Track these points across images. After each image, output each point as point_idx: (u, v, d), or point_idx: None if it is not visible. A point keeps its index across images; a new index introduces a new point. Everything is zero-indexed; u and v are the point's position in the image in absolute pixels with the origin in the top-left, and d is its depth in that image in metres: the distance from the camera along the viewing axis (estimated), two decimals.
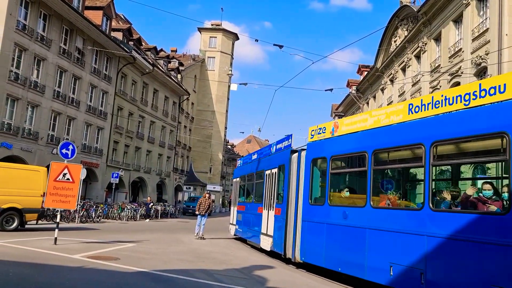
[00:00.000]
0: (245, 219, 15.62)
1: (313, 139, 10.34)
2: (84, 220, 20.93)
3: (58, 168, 11.58)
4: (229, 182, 79.75)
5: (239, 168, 18.69)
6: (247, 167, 16.47)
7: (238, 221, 16.72)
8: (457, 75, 19.38)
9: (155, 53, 42.15)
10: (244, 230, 15.61)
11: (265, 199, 12.92)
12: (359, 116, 8.98)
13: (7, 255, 9.11)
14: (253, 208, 14.38)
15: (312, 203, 9.86)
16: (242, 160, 18.81)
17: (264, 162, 13.89)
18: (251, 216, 14.52)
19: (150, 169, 39.34)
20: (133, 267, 8.56)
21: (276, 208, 11.83)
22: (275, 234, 11.67)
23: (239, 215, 16.74)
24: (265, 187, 13.05)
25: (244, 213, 15.75)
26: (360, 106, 37.47)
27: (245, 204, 15.74)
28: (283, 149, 12.29)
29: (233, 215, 18.19)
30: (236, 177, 18.69)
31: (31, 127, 23.54)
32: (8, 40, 21.02)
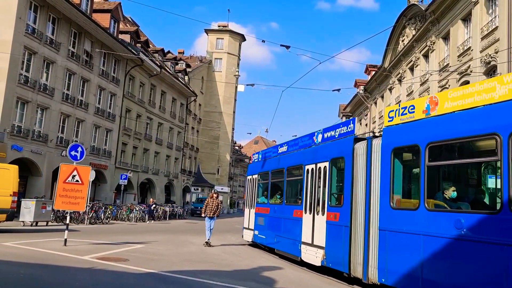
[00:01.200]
0: (270, 224, 13.22)
1: (392, 122, 7.84)
2: (93, 222, 21.06)
3: (67, 170, 11.67)
4: (237, 183, 79.88)
5: (256, 164, 15.89)
6: (271, 162, 14.02)
7: (258, 225, 14.31)
8: (466, 74, 19.20)
9: (163, 55, 42.35)
10: (270, 237, 13.15)
11: (306, 201, 10.60)
12: (476, 86, 6.44)
13: (18, 256, 9.19)
14: (284, 211, 12.15)
15: (396, 206, 7.37)
16: (261, 154, 15.78)
17: (302, 154, 11.44)
18: (282, 221, 12.24)
19: (158, 170, 39.50)
20: (142, 268, 8.60)
21: (330, 213, 9.39)
22: (330, 246, 9.22)
23: (259, 219, 14.33)
24: (306, 185, 10.70)
25: (269, 217, 13.38)
26: (368, 106, 37.30)
27: (270, 206, 13.41)
28: (339, 137, 9.73)
29: (248, 218, 15.69)
30: (252, 174, 15.97)
31: (41, 130, 23.75)
32: (18, 44, 21.25)
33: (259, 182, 14.98)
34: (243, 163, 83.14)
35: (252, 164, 16.82)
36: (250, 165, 16.93)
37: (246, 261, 11.16)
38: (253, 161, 16.85)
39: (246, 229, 15.95)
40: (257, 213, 14.62)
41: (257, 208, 14.80)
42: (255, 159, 16.38)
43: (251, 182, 15.97)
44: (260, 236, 14.07)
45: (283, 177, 12.51)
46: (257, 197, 14.96)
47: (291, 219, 11.44)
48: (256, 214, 14.72)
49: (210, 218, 14.27)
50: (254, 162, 16.54)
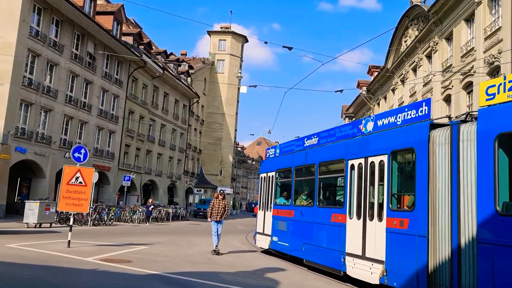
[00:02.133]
0: (296, 230, 11.35)
1: (494, 101, 6.12)
2: (97, 223, 21.10)
3: (70, 172, 11.71)
4: (240, 184, 79.87)
5: (273, 160, 13.93)
6: (295, 156, 12.12)
7: (278, 231, 12.47)
8: (469, 74, 19.15)
9: (165, 56, 42.44)
10: (295, 245, 11.24)
11: (351, 203, 8.88)
12: None
13: (22, 257, 9.22)
14: (316, 214, 10.34)
15: (504, 212, 5.70)
16: (278, 149, 13.81)
17: (343, 147, 9.55)
18: (313, 227, 10.35)
19: (161, 172, 39.56)
20: (146, 270, 8.61)
21: (391, 218, 7.57)
22: (393, 260, 7.42)
23: (279, 223, 12.44)
24: (350, 184, 8.98)
25: (293, 221, 11.53)
26: (370, 107, 37.25)
27: (295, 209, 11.57)
28: (402, 124, 7.88)
29: (263, 222, 13.79)
30: (267, 171, 13.92)
31: (44, 132, 23.84)
32: (22, 46, 21.34)
33: (277, 180, 13.10)
34: (246, 164, 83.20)
35: (267, 160, 14.55)
36: (265, 162, 14.67)
37: (250, 263, 11.14)
38: (267, 156, 14.58)
39: (260, 235, 13.96)
40: (276, 216, 12.72)
41: (275, 210, 12.87)
42: (271, 155, 14.30)
43: (266, 181, 13.87)
44: (281, 244, 12.11)
45: (314, 175, 10.57)
46: (274, 197, 13.09)
47: (328, 224, 9.60)
48: (275, 218, 12.79)
49: (217, 222, 12.57)
50: (269, 158, 14.34)
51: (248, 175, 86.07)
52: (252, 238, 19.91)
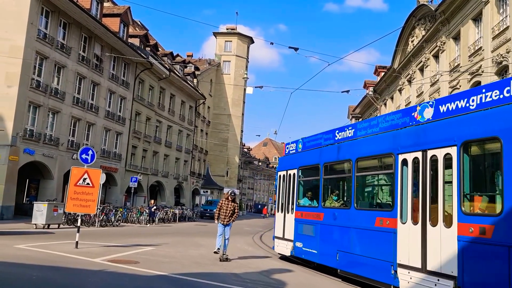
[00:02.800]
0: (326, 235, 9.95)
1: None
2: (104, 224, 21.20)
3: (78, 173, 11.77)
4: (246, 185, 79.89)
5: (294, 156, 12.44)
6: (324, 151, 10.56)
7: (303, 236, 11.01)
8: (477, 74, 19.01)
9: (172, 58, 42.59)
10: (326, 253, 9.88)
11: (403, 205, 7.53)
12: None
13: (30, 258, 9.28)
14: (354, 218, 8.90)
15: None
16: (301, 143, 12.18)
17: (390, 139, 8.15)
18: (350, 232, 8.95)
19: (167, 173, 39.68)
20: (153, 271, 8.63)
21: (465, 224, 6.24)
22: (471, 276, 6.13)
23: (304, 227, 10.99)
24: (401, 182, 7.64)
25: (323, 225, 10.11)
26: (377, 107, 37.09)
27: (325, 211, 10.10)
28: (477, 109, 6.54)
29: (282, 225, 12.31)
30: (287, 168, 12.53)
31: (52, 133, 24.02)
32: (30, 49, 21.52)
33: (300, 179, 11.67)
34: (252, 165, 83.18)
35: (286, 157, 13.01)
36: (284, 159, 13.19)
37: (259, 264, 11.12)
38: (287, 152, 13.04)
39: (279, 239, 12.49)
40: (300, 219, 11.24)
41: (298, 213, 11.40)
42: (291, 150, 12.72)
43: (286, 180, 12.45)
44: (307, 250, 10.61)
45: (349, 172, 9.24)
46: (297, 198, 11.61)
47: (371, 230, 8.26)
48: (298, 221, 11.33)
49: (224, 225, 11.39)
50: (289, 154, 12.84)
51: (255, 176, 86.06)
52: (259, 239, 19.95)
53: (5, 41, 20.87)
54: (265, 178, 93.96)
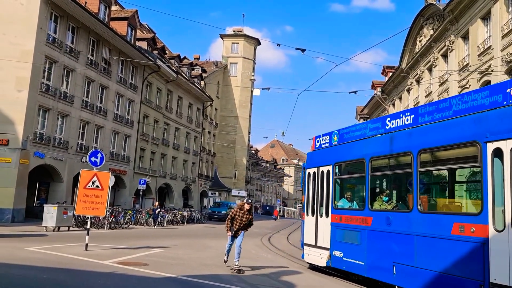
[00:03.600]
0: (377, 244, 8.33)
1: None
2: (113, 227, 21.31)
3: (87, 176, 11.84)
4: (254, 187, 79.85)
5: (327, 151, 10.66)
6: (369, 144, 8.97)
7: (344, 244, 9.35)
8: (487, 73, 18.83)
9: (179, 61, 42.77)
10: (377, 265, 8.26)
11: (495, 208, 6.03)
12: None
13: (41, 261, 9.35)
14: (417, 223, 7.30)
15: None
16: (338, 135, 10.39)
17: (470, 125, 6.65)
18: (414, 241, 7.32)
19: (175, 175, 39.81)
20: (162, 273, 8.65)
21: None
22: None
23: (346, 234, 9.31)
24: (491, 179, 6.13)
25: (371, 231, 8.49)
26: (385, 108, 36.90)
27: (374, 215, 8.49)
28: None
29: (315, 230, 10.57)
30: (318, 165, 10.77)
31: (61, 137, 24.22)
32: (39, 53, 21.75)
33: (337, 177, 10.00)
34: (260, 167, 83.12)
35: (317, 151, 11.28)
36: (314, 154, 11.40)
37: (267, 267, 11.09)
38: (317, 146, 11.32)
39: (310, 247, 10.72)
40: (338, 224, 9.60)
41: (336, 216, 9.72)
42: (323, 144, 10.97)
43: (317, 178, 10.79)
44: (350, 261, 9.01)
45: (410, 167, 7.61)
46: (333, 199, 9.94)
47: (447, 239, 6.68)
48: (336, 226, 9.68)
49: (236, 235, 9.91)
50: (320, 148, 11.13)
51: (262, 177, 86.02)
52: (268, 241, 19.90)
53: (15, 46, 21.10)
54: (273, 180, 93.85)
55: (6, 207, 20.06)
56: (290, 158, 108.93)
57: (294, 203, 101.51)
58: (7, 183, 20.27)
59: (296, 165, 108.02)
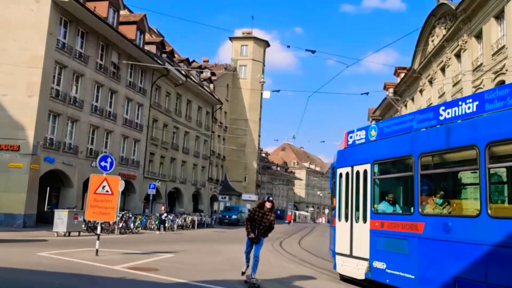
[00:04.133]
0: (432, 254, 7.09)
1: None
2: (123, 231, 21.27)
3: (97, 181, 11.78)
4: (265, 191, 79.58)
5: (363, 147, 9.42)
6: (418, 138, 7.73)
7: (387, 253, 8.10)
8: (501, 73, 18.45)
9: (188, 64, 42.83)
10: (432, 280, 7.00)
11: None
12: None
13: (52, 266, 9.30)
14: (488, 230, 6.15)
15: None
16: (376, 129, 9.07)
17: None
18: (482, 251, 6.20)
19: (185, 179, 39.78)
20: (173, 278, 8.53)
21: None
22: None
23: (389, 242, 8.09)
24: None
25: (424, 240, 7.22)
26: (398, 109, 36.49)
27: (425, 220, 7.26)
28: None
29: (349, 237, 9.34)
30: (352, 164, 9.59)
31: (71, 142, 24.30)
32: (49, 59, 21.86)
33: (377, 176, 8.85)
34: (270, 170, 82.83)
35: (350, 148, 9.98)
36: (346, 151, 10.10)
37: (278, 271, 10.87)
38: (350, 143, 10.01)
39: (344, 257, 9.45)
40: (379, 230, 8.41)
41: (376, 222, 8.53)
42: (358, 140, 9.69)
43: (351, 179, 9.58)
44: (396, 274, 7.81)
45: (476, 163, 6.43)
46: (372, 202, 8.75)
47: None
48: (376, 233, 8.48)
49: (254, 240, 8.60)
50: (354, 144, 9.82)
51: (273, 181, 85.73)
52: (279, 245, 19.65)
53: (25, 51, 21.24)
54: (284, 183, 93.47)
55: (17, 212, 20.15)
56: (301, 161, 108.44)
57: (305, 206, 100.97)
58: (18, 189, 20.35)
59: (307, 168, 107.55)
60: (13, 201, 20.13)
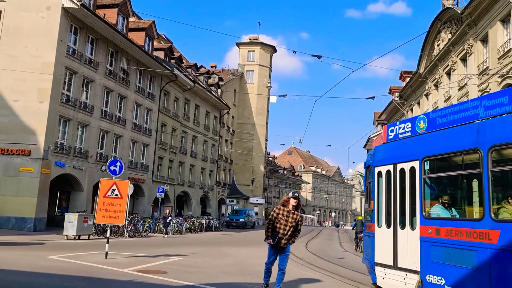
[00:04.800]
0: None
1: None
2: (132, 235, 21.48)
3: (107, 185, 11.97)
4: (272, 194, 79.57)
5: (408, 142, 8.21)
6: (486, 128, 6.53)
7: (447, 267, 6.78)
8: (508, 76, 18.44)
9: (196, 69, 43.19)
10: None
11: None
12: None
13: (62, 269, 9.47)
14: None
15: None
16: (425, 120, 7.93)
17: None
18: None
19: (193, 183, 40.01)
20: (181, 281, 8.65)
21: None
22: None
23: (450, 253, 6.77)
24: None
25: (498, 252, 6.01)
26: (404, 113, 36.43)
27: (501, 228, 6.05)
28: None
29: (392, 246, 8.13)
30: (394, 161, 8.40)
31: (82, 146, 24.65)
32: (60, 65, 22.26)
33: (428, 175, 7.60)
34: (277, 174, 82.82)
35: (391, 144, 8.77)
36: (386, 147, 8.92)
37: None
38: (391, 137, 8.79)
39: (386, 268, 8.26)
40: (434, 239, 7.06)
41: (428, 228, 7.20)
42: (401, 133, 8.47)
43: (393, 178, 8.37)
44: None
45: None
46: (423, 205, 7.46)
47: None
48: (430, 242, 7.13)
49: (278, 247, 7.42)
50: (395, 139, 8.63)
51: (280, 184, 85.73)
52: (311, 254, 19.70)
53: (36, 58, 21.65)
54: (291, 187, 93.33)
55: (28, 216, 20.47)
56: (308, 165, 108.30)
57: (312, 210, 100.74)
58: (29, 193, 20.70)
59: (314, 172, 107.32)
60: (24, 205, 20.48)
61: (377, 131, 46.47)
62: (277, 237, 7.31)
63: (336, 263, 14.14)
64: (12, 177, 20.95)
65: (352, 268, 12.66)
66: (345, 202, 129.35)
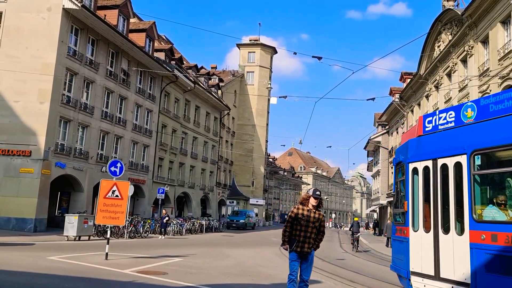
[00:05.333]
0: None
1: None
2: (133, 236, 21.48)
3: (107, 186, 11.99)
4: (272, 195, 79.49)
5: (451, 134, 7.12)
6: None
7: (506, 280, 5.67)
8: (508, 78, 18.44)
9: (196, 70, 43.22)
10: None
11: None
12: None
13: (63, 270, 9.48)
14: None
15: None
16: (474, 108, 6.83)
17: None
18: None
19: (194, 184, 40.02)
20: (181, 282, 8.66)
21: None
22: None
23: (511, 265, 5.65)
24: None
25: None
26: (404, 115, 36.45)
27: None
28: None
29: (432, 253, 7.06)
30: (433, 156, 7.35)
31: (82, 147, 24.67)
32: (60, 66, 22.28)
33: (479, 172, 6.59)
34: (278, 175, 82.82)
35: (428, 136, 7.65)
36: (422, 140, 7.76)
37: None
38: (428, 129, 7.68)
39: (425, 278, 7.17)
40: (489, 246, 6.02)
41: (481, 233, 6.18)
42: (441, 124, 7.41)
43: (433, 175, 7.31)
44: None
45: None
46: (472, 207, 6.40)
47: None
48: (484, 250, 6.10)
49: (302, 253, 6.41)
50: (435, 131, 7.53)
51: (280, 186, 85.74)
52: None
53: (37, 59, 21.68)
54: (291, 188, 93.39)
55: (28, 217, 20.47)
56: (308, 166, 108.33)
57: None
58: (30, 193, 20.70)
59: (314, 173, 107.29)
60: (24, 205, 20.48)
61: (378, 132, 46.47)
62: (295, 241, 6.29)
63: (336, 264, 14.14)
64: (12, 178, 20.96)
65: (352, 270, 12.67)
66: (345, 203, 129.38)
